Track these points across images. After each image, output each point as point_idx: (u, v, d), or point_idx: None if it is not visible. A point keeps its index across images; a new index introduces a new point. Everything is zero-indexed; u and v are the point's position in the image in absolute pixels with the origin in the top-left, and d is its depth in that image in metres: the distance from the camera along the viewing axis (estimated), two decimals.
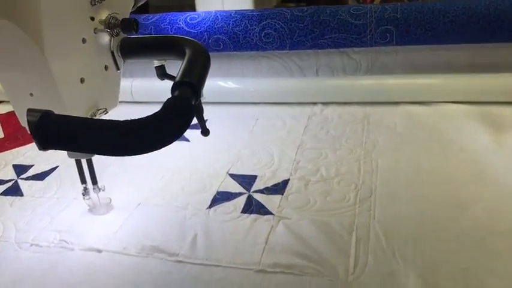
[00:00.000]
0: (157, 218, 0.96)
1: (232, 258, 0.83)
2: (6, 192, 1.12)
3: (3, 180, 1.17)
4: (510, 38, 1.23)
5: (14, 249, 0.91)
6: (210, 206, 0.98)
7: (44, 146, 0.60)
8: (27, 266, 0.86)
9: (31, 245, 0.91)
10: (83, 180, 0.94)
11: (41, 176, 1.17)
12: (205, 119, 1.25)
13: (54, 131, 0.59)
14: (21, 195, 1.10)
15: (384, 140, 1.19)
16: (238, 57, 1.50)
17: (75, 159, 0.91)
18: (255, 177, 1.08)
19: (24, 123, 0.78)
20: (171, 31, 1.45)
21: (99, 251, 0.88)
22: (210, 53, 0.74)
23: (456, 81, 1.29)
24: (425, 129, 1.21)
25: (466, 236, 0.82)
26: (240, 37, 1.40)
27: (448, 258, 0.78)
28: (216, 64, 1.54)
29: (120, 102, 1.56)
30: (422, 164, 1.07)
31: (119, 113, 1.31)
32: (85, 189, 0.94)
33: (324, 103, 1.41)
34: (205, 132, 0.83)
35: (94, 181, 0.94)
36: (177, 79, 0.65)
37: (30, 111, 0.59)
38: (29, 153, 1.30)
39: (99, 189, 0.95)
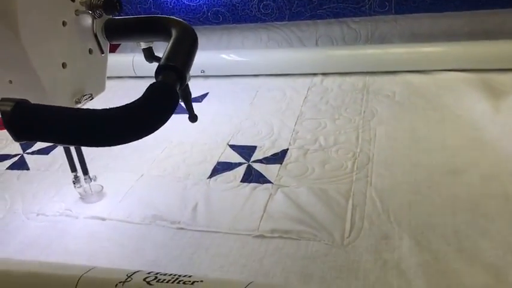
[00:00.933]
0: (160, 188, 0.99)
1: (232, 225, 0.86)
2: (12, 167, 1.14)
3: (9, 155, 1.20)
4: (508, 3, 1.22)
5: (22, 220, 0.94)
6: (211, 176, 1.00)
7: (18, 137, 0.56)
8: (34, 234, 0.90)
9: (37, 215, 0.94)
10: (73, 168, 0.93)
11: (45, 151, 1.20)
12: (206, 92, 1.27)
13: (29, 122, 0.56)
14: (28, 169, 1.12)
15: (383, 109, 1.20)
16: (238, 29, 1.50)
17: (63, 147, 0.90)
18: (254, 147, 1.10)
19: None
20: (171, 5, 1.45)
21: (103, 219, 0.91)
22: (210, 26, 0.73)
23: (455, 49, 1.29)
24: (423, 98, 1.22)
25: (459, 200, 0.84)
26: (239, 9, 1.40)
27: (441, 222, 0.80)
28: (216, 37, 1.55)
29: (122, 77, 1.59)
30: (420, 131, 1.08)
31: (122, 89, 1.34)
32: (75, 177, 0.94)
33: (324, 74, 1.42)
34: (193, 118, 0.77)
35: (85, 171, 0.93)
36: (160, 63, 0.62)
37: (3, 100, 0.56)
38: None
39: (91, 179, 0.94)
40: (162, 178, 1.02)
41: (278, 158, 1.05)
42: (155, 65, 0.63)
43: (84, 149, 1.04)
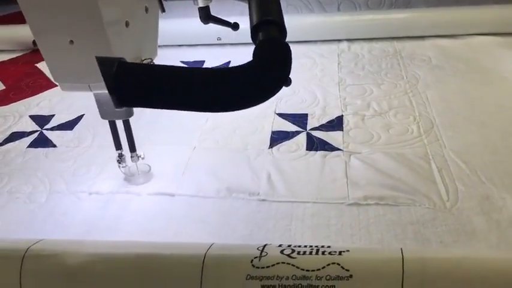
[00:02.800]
0: (220, 160, 0.91)
1: (318, 194, 0.80)
2: (35, 144, 1.02)
3: (25, 132, 1.07)
4: None
5: (72, 201, 0.84)
6: (271, 146, 0.94)
7: (123, 102, 0.50)
8: (93, 215, 0.80)
9: (90, 194, 0.84)
10: (118, 146, 0.82)
11: (68, 126, 1.08)
12: (227, 60, 1.19)
13: (138, 83, 0.50)
14: (54, 146, 1.01)
15: (425, 73, 1.17)
16: None
17: (109, 121, 0.79)
18: (305, 115, 1.04)
19: (57, 79, 0.69)
20: None
21: (172, 195, 0.82)
22: None
23: (484, 13, 1.28)
24: (461, 62, 1.21)
25: None
26: None
27: None
28: (230, 2, 1.46)
29: None
30: (471, 94, 1.07)
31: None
32: (120, 155, 0.83)
33: (348, 40, 1.37)
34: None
35: (132, 148, 0.82)
36: (259, 19, 0.57)
37: (102, 59, 0.49)
38: (43, 104, 1.19)
39: (138, 158, 0.84)
40: (218, 150, 0.94)
41: (335, 124, 1.00)
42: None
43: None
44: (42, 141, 1.03)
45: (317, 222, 0.74)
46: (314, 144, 0.94)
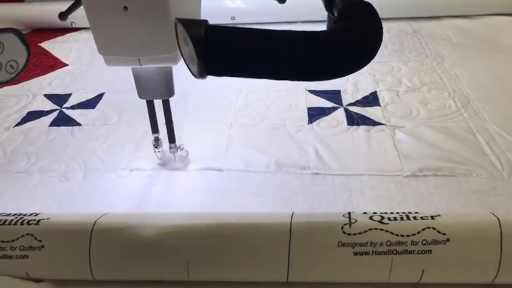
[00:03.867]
0: (261, 136, 0.88)
1: (372, 167, 0.79)
2: (56, 123, 0.97)
3: (43, 111, 1.02)
4: None
5: (112, 178, 0.80)
6: (310, 121, 0.92)
7: (211, 69, 0.46)
8: (139, 191, 0.76)
9: (131, 171, 0.80)
10: (155, 129, 0.77)
11: (89, 104, 1.03)
12: None
13: (232, 49, 0.45)
14: (79, 124, 0.95)
15: (448, 51, 1.17)
16: None
17: (147, 101, 0.74)
18: (338, 91, 1.02)
19: (103, 51, 0.62)
20: None
21: (220, 170, 0.79)
22: None
23: None
24: (481, 40, 1.21)
25: None
26: None
27: None
28: None
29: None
30: (499, 71, 1.07)
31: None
32: (157, 139, 0.78)
33: None
34: None
35: (171, 138, 0.77)
36: None
37: (186, 22, 0.45)
38: (56, 83, 1.14)
39: (177, 149, 0.80)
40: (256, 126, 0.91)
41: (371, 100, 0.98)
42: None
43: (139, 101, 0.92)
44: (64, 120, 0.98)
45: (378, 194, 0.73)
46: (354, 119, 0.92)
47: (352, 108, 0.95)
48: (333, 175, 0.77)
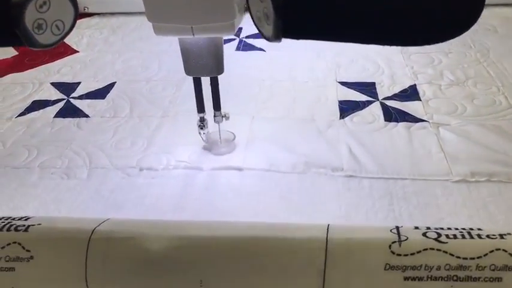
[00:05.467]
0: (287, 131, 0.78)
1: (415, 170, 0.68)
2: (62, 113, 0.88)
3: (48, 101, 0.93)
4: None
5: (121, 177, 0.70)
6: (342, 116, 0.81)
7: (291, 29, 0.40)
8: (149, 192, 0.67)
9: (141, 170, 0.71)
10: (201, 108, 0.70)
11: (98, 95, 0.94)
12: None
13: (317, 5, 0.39)
14: (86, 116, 0.87)
15: (493, 42, 1.06)
16: None
17: (194, 78, 0.67)
18: (372, 84, 0.92)
19: (153, 18, 0.56)
20: None
21: (240, 169, 0.69)
22: None
23: None
24: None
25: None
26: None
27: None
28: None
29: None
30: None
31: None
32: (202, 120, 0.71)
33: None
34: None
35: (217, 106, 0.70)
36: None
37: None
38: (64, 70, 1.05)
39: (223, 118, 0.72)
40: (281, 120, 0.82)
41: (410, 94, 0.88)
42: None
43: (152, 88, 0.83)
44: (70, 111, 0.89)
45: (423, 202, 0.62)
46: (392, 115, 0.81)
47: (389, 103, 0.85)
48: (370, 178, 0.67)
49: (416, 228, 0.47)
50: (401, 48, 1.05)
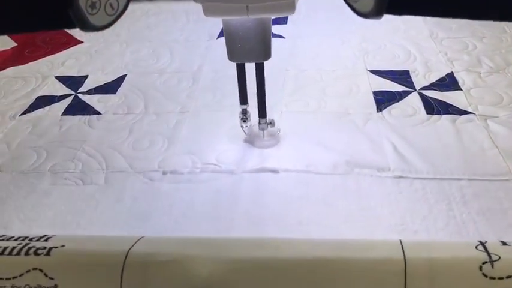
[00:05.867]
0: (320, 126, 0.72)
1: (471, 169, 0.62)
2: (71, 111, 0.81)
3: (55, 96, 0.85)
4: None
5: (143, 182, 0.63)
6: (379, 109, 0.74)
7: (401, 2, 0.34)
8: (177, 199, 0.60)
9: (164, 174, 0.64)
10: (244, 99, 0.64)
11: (109, 89, 0.86)
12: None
13: None
14: (97, 113, 0.79)
15: None
16: None
17: (237, 64, 0.61)
18: (406, 72, 0.85)
19: None
20: None
21: (275, 171, 0.62)
22: None
23: None
24: None
25: None
26: None
27: None
28: None
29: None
30: None
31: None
32: (244, 112, 0.65)
33: None
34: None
35: (262, 112, 0.65)
36: None
37: None
38: (69, 63, 0.97)
39: (267, 125, 0.67)
40: (313, 114, 0.75)
41: (449, 83, 0.81)
42: None
43: (167, 81, 0.76)
44: (80, 107, 0.82)
45: (486, 206, 0.56)
46: (433, 107, 0.75)
47: (428, 93, 0.78)
48: (422, 179, 0.60)
49: (504, 244, 0.40)
50: (431, 33, 0.98)
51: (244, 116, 0.65)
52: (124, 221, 0.57)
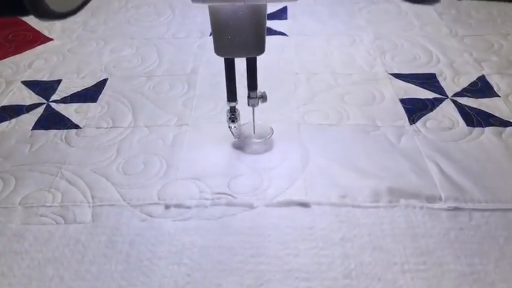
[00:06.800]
0: (345, 143, 0.61)
1: None
2: (43, 124, 0.67)
3: (22, 106, 0.72)
4: None
5: (140, 218, 0.51)
6: (412, 120, 0.64)
7: None
8: (187, 242, 0.48)
9: (167, 208, 0.52)
10: (232, 96, 0.55)
11: (87, 96, 0.73)
12: (283, 5, 0.89)
13: None
14: (76, 126, 0.66)
15: None
16: None
17: (225, 60, 0.52)
18: (432, 75, 0.75)
19: None
20: None
21: (305, 205, 0.51)
22: None
23: None
24: None
25: None
26: None
27: None
28: None
29: None
30: None
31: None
32: (233, 110, 0.56)
33: None
34: None
35: (252, 85, 0.55)
36: None
37: None
38: (38, 64, 0.83)
39: (259, 99, 0.56)
40: (336, 127, 0.64)
41: (483, 88, 0.71)
42: None
43: (157, 86, 0.64)
44: (54, 119, 0.68)
45: None
46: (471, 117, 0.65)
47: (462, 100, 0.68)
48: (482, 210, 0.50)
49: None
50: (450, 30, 0.88)
51: (233, 114, 0.55)
52: (121, 277, 0.44)
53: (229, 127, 0.57)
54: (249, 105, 0.56)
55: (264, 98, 0.56)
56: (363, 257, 0.45)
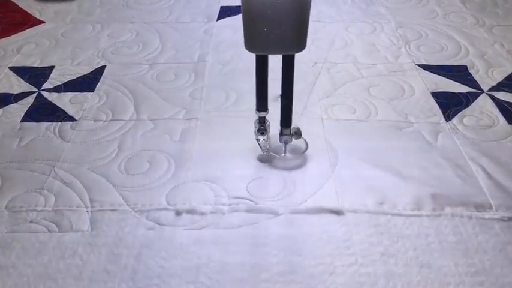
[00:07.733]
0: (377, 141, 0.55)
1: None
2: (34, 116, 0.59)
3: (10, 95, 0.64)
4: None
5: (148, 228, 0.44)
6: (448, 117, 0.57)
7: None
8: (203, 254, 0.41)
9: (178, 215, 0.44)
10: (262, 106, 0.47)
11: (84, 85, 0.66)
12: None
13: None
14: (71, 119, 0.58)
15: None
16: None
17: (257, 57, 0.44)
18: (464, 68, 0.68)
19: None
20: None
21: (338, 213, 0.44)
22: None
23: None
24: None
25: None
26: None
27: None
28: None
29: None
30: None
31: None
32: (262, 121, 0.48)
33: None
34: None
35: (285, 121, 0.48)
36: None
37: None
38: (27, 49, 0.75)
39: (291, 137, 0.50)
40: (364, 124, 0.57)
41: None
42: None
43: (160, 75, 0.57)
44: (45, 111, 0.61)
45: None
46: (511, 114, 0.58)
47: (500, 95, 0.62)
48: None
49: None
50: (476, 20, 0.81)
51: (262, 126, 0.48)
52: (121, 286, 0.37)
53: (257, 139, 0.49)
54: (280, 142, 0.50)
55: (298, 134, 0.49)
56: (410, 276, 0.39)
